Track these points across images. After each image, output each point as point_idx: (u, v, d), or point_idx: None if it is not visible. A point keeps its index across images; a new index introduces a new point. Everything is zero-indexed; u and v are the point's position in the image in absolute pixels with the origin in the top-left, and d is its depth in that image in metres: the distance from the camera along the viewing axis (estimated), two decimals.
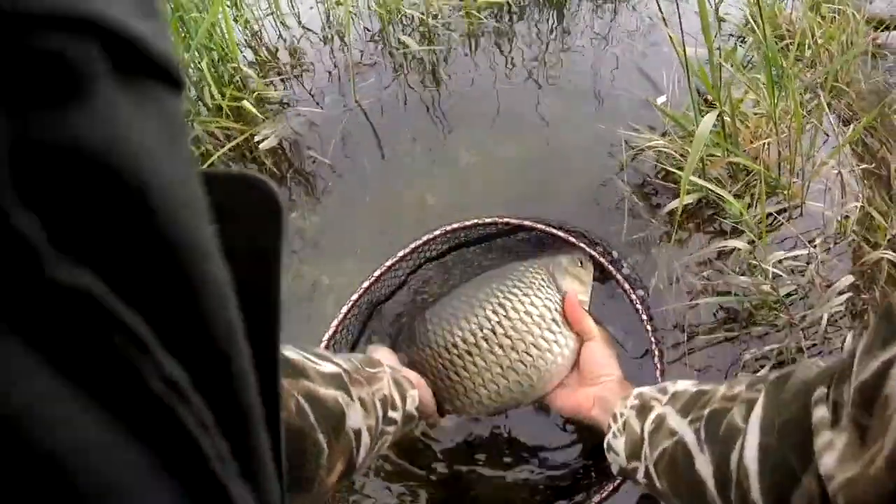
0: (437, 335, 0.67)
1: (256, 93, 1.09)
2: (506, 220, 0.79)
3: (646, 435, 0.52)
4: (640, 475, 0.53)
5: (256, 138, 1.00)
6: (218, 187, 0.11)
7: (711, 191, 0.85)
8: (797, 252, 0.82)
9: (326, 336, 0.70)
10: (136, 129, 0.09)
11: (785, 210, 0.93)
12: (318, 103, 1.08)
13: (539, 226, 0.77)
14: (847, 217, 0.92)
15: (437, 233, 0.78)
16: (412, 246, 0.77)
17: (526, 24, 1.22)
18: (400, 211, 0.93)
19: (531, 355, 0.65)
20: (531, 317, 0.66)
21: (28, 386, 0.08)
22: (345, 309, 0.72)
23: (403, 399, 0.58)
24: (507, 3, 1.22)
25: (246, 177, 0.15)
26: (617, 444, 0.56)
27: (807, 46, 1.33)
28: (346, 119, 1.05)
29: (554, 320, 0.66)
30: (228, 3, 1.28)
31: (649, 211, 0.90)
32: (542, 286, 0.68)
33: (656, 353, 0.72)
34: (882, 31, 1.57)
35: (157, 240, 0.09)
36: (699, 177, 0.85)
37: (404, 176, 0.97)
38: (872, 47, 1.56)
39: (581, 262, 0.72)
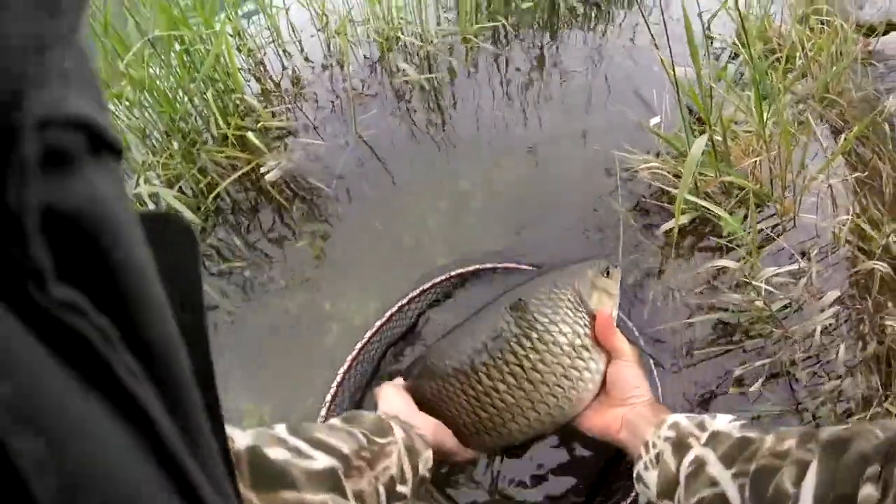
0: (459, 371, 0.63)
1: (261, 123, 1.12)
2: (504, 265, 0.80)
3: (682, 477, 0.49)
4: None
5: (262, 170, 1.03)
6: (143, 224, 0.14)
7: (707, 209, 0.87)
8: (787, 268, 0.84)
9: (339, 373, 0.71)
10: (104, 189, 0.12)
11: (778, 224, 0.96)
12: (320, 135, 1.10)
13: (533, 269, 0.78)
14: (840, 228, 0.95)
15: (442, 277, 0.79)
16: (420, 289, 0.78)
17: (521, 46, 1.25)
18: (402, 238, 0.95)
19: (562, 387, 0.61)
20: (560, 346, 0.61)
21: (36, 371, 0.10)
22: (356, 349, 0.72)
23: (416, 467, 0.55)
24: (503, 26, 1.25)
25: (162, 214, 0.18)
26: (648, 476, 0.53)
27: (797, 58, 1.36)
28: (349, 149, 1.07)
29: (584, 346, 0.62)
30: (230, 31, 1.32)
31: (645, 231, 0.92)
32: (570, 309, 0.63)
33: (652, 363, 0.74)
34: (873, 37, 1.59)
35: (116, 267, 0.12)
36: (693, 195, 0.88)
37: (406, 203, 0.99)
38: (863, 55, 1.58)
39: (608, 272, 0.67)
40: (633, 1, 1.29)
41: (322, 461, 0.45)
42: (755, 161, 0.94)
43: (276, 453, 0.43)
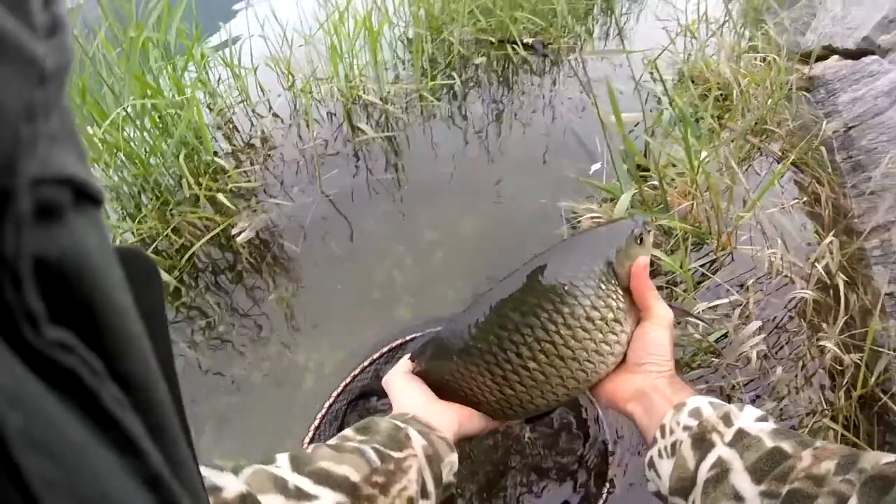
0: (483, 350, 0.60)
1: (231, 185, 1.17)
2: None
3: (700, 479, 0.46)
4: None
5: (233, 231, 1.08)
6: None
7: None
8: (721, 301, 0.91)
9: (310, 431, 0.75)
10: (86, 236, 0.13)
11: (716, 260, 1.03)
12: (289, 195, 1.16)
13: None
14: (774, 258, 1.02)
15: (407, 338, 0.83)
16: (379, 352, 0.82)
17: (474, 102, 1.33)
18: (370, 291, 1.00)
19: (593, 362, 0.58)
20: (593, 321, 0.58)
21: (40, 402, 0.11)
22: (324, 407, 0.77)
23: (438, 477, 0.51)
24: (460, 82, 1.33)
25: (125, 249, 0.18)
26: (661, 466, 0.49)
27: (734, 96, 1.45)
28: (315, 208, 1.13)
29: (616, 320, 0.58)
30: (202, 88, 1.38)
31: None
32: (602, 281, 0.58)
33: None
34: (812, 64, 1.70)
35: (99, 310, 0.13)
36: None
37: (371, 257, 1.05)
38: (802, 82, 1.68)
39: (641, 239, 0.60)
40: (568, 62, 1.37)
41: (326, 499, 0.43)
42: (691, 204, 1.02)
43: (271, 501, 0.41)
